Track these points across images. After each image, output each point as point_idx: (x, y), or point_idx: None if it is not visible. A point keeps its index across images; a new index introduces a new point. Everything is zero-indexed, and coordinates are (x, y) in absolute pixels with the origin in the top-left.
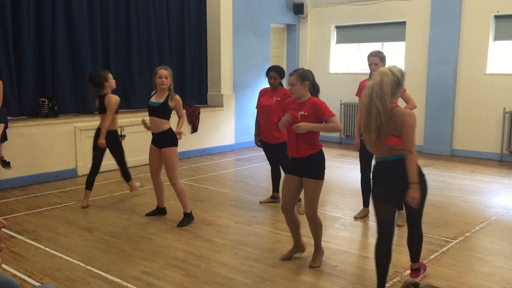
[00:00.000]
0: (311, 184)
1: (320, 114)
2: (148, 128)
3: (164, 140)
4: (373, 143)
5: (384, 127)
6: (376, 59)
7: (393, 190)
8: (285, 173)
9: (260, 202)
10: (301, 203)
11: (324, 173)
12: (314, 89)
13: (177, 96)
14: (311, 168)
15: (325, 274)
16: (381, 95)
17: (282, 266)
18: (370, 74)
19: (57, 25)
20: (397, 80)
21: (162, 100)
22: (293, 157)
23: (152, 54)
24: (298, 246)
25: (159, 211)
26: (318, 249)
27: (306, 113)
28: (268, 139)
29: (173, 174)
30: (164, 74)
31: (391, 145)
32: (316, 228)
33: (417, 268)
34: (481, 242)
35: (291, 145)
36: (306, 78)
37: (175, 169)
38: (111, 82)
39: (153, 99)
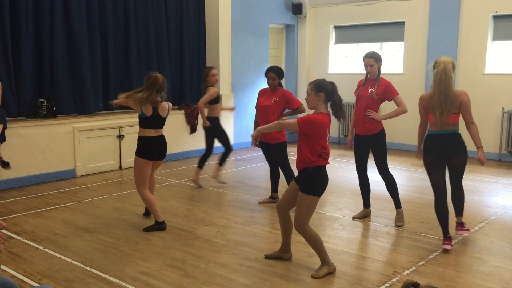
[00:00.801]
0: (299, 196)
1: (306, 129)
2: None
3: (136, 146)
4: (438, 120)
5: (449, 106)
6: (371, 60)
7: (442, 158)
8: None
9: (259, 203)
10: None
11: (315, 190)
12: (335, 105)
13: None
14: (303, 181)
15: None
16: (446, 79)
17: (281, 266)
18: (366, 75)
19: (55, 25)
20: (453, 66)
21: None
22: None
23: (150, 54)
24: (284, 250)
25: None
26: (323, 263)
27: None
28: (267, 139)
29: (136, 182)
30: None
31: (450, 121)
32: (311, 243)
33: (461, 222)
34: (480, 242)
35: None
36: (321, 89)
37: (137, 178)
38: (211, 78)
39: None
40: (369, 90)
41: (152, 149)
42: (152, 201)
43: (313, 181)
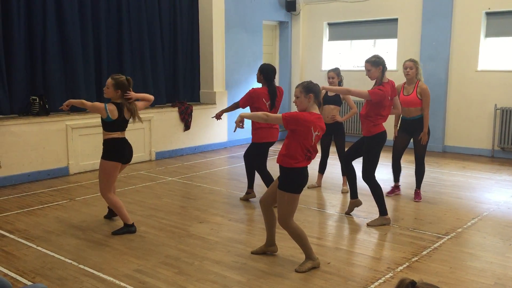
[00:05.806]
0: (278, 194)
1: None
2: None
3: (103, 150)
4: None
5: None
6: (367, 65)
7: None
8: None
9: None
10: None
11: (292, 188)
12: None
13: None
14: (282, 179)
15: (318, 271)
16: None
17: (276, 263)
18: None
19: (47, 22)
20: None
21: None
22: None
23: (144, 51)
24: (269, 244)
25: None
26: (307, 257)
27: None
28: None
29: (101, 187)
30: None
31: None
32: (295, 238)
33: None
34: (473, 238)
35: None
36: (310, 90)
37: (104, 182)
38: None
39: None
40: None
41: (121, 151)
42: (119, 205)
43: (291, 180)
